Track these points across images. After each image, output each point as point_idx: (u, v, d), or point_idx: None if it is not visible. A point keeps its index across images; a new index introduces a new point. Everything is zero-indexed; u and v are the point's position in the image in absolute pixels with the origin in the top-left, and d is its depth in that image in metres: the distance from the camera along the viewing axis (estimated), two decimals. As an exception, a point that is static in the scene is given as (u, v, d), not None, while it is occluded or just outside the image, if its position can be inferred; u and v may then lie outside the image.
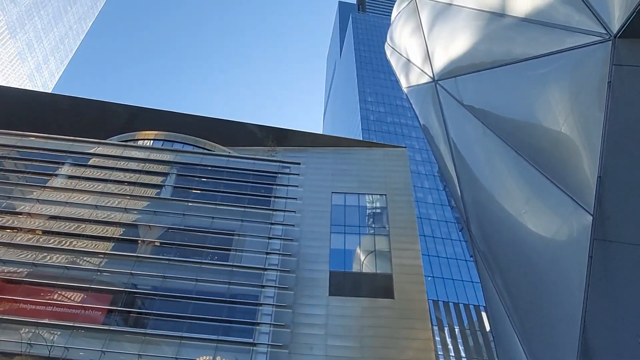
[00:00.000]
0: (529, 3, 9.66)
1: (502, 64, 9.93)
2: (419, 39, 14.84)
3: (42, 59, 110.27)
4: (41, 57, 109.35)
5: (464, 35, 11.62)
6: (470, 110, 11.17)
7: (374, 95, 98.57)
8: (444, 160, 13.43)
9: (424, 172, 77.57)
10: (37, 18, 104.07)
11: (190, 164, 28.88)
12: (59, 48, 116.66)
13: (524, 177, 9.75)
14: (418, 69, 14.98)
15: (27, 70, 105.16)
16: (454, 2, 12.57)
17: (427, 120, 15.22)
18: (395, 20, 18.16)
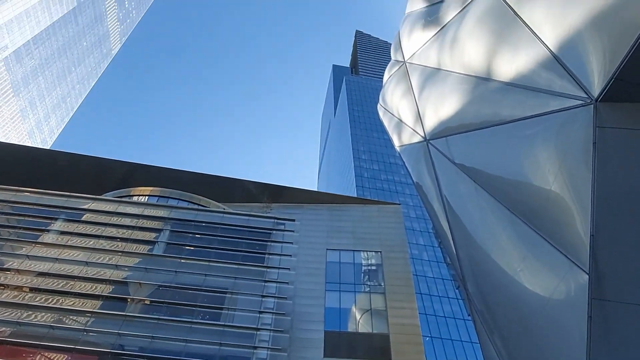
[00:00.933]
0: (512, 68, 10.24)
1: (490, 125, 10.33)
2: (410, 101, 15.47)
3: (43, 117, 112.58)
4: (42, 115, 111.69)
5: (453, 98, 12.16)
6: (461, 169, 11.45)
7: (368, 153, 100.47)
8: (438, 217, 13.55)
9: (418, 228, 77.40)
10: (42, 77, 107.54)
11: (185, 220, 28.77)
12: (60, 106, 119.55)
13: (518, 235, 9.82)
14: (410, 129, 15.47)
15: (27, 127, 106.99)
16: (442, 67, 13.27)
17: (420, 178, 15.51)
18: (387, 83, 19.01)
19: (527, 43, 9.93)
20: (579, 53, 8.62)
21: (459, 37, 12.76)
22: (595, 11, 8.28)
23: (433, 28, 14.96)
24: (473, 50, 11.57)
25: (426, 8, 16.12)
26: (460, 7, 13.27)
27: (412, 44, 16.59)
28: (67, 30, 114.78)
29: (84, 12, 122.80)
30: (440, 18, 14.61)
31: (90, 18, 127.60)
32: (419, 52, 15.63)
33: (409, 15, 18.41)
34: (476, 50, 11.45)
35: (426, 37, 15.19)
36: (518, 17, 10.41)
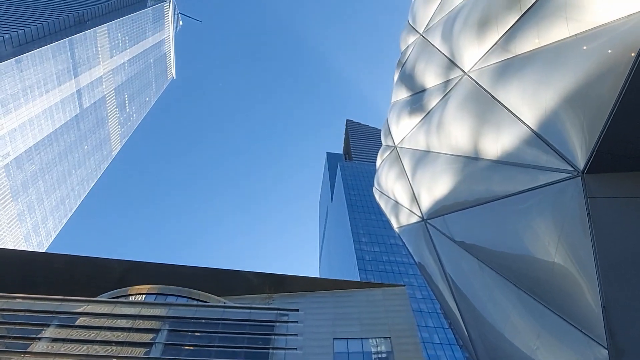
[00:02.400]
0: (498, 147, 10.75)
1: (484, 202, 10.58)
2: (404, 183, 15.90)
3: (41, 219, 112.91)
4: (40, 218, 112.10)
5: (445, 177, 12.56)
6: (462, 247, 11.47)
7: (368, 236, 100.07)
8: (445, 298, 13.25)
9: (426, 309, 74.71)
10: (41, 181, 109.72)
11: (184, 317, 27.73)
12: (58, 208, 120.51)
13: (529, 311, 9.58)
14: (407, 210, 15.70)
15: (24, 231, 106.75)
16: (431, 150, 13.88)
17: (422, 258, 15.41)
18: (380, 167, 19.66)
19: (508, 123, 10.55)
20: (559, 129, 9.14)
21: (444, 121, 13.51)
22: (567, 89, 8.95)
23: (419, 114, 15.88)
24: (458, 133, 12.21)
25: (410, 97, 17.24)
26: (441, 94, 14.25)
27: (401, 130, 17.46)
28: (69, 136, 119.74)
29: (86, 118, 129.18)
30: (424, 105, 15.58)
31: (92, 123, 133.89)
32: (408, 136, 16.41)
33: (395, 104, 19.60)
34: (461, 132, 12.08)
35: (413, 122, 16.07)
36: (496, 100, 11.17)
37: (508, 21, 11.44)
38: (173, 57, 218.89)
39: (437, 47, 16.05)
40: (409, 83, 17.94)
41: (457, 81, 13.52)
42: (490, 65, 12.00)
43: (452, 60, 14.39)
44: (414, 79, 17.35)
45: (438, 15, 17.14)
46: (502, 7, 11.81)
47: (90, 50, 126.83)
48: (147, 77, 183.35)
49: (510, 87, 10.79)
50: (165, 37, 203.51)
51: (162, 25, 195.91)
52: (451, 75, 14.05)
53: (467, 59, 13.27)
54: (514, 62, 11.08)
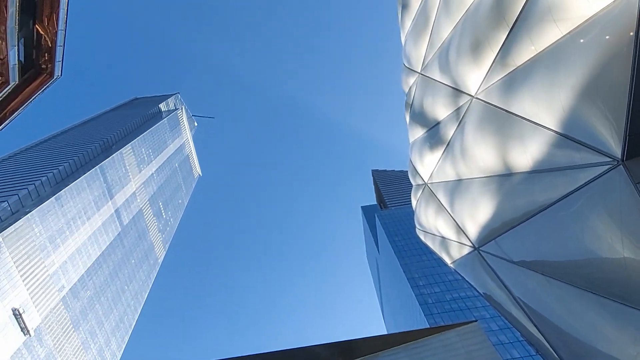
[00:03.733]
0: (528, 157, 10.63)
1: (532, 215, 10.29)
2: (445, 217, 15.65)
3: (104, 342, 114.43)
4: (103, 341, 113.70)
5: (485, 201, 12.36)
6: (524, 265, 10.99)
7: (424, 278, 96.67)
8: (522, 323, 12.47)
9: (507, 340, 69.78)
10: (98, 305, 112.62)
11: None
12: (119, 327, 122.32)
13: (614, 316, 8.92)
14: (456, 243, 15.32)
15: (90, 358, 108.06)
16: (462, 178, 13.80)
17: (485, 288, 14.75)
18: (417, 207, 19.49)
19: (531, 132, 10.51)
20: (584, 124, 9.05)
21: (466, 147, 13.55)
22: (579, 84, 8.97)
23: (440, 147, 15.99)
24: (484, 154, 12.18)
25: (426, 133, 17.46)
26: (456, 122, 14.41)
27: (427, 166, 17.51)
28: (116, 255, 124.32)
29: (128, 234, 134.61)
30: (442, 137, 15.72)
31: (135, 237, 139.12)
32: (436, 170, 16.41)
33: (414, 143, 19.81)
34: (487, 153, 12.05)
35: (436, 156, 16.13)
36: (512, 113, 11.23)
37: (499, 38, 11.78)
38: (195, 157, 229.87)
39: (438, 80, 16.47)
40: (422, 120, 18.24)
41: (467, 106, 13.70)
42: (495, 83, 12.20)
43: (456, 89, 14.69)
44: (425, 116, 17.66)
45: (430, 52, 17.75)
46: (489, 28, 12.22)
47: (120, 170, 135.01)
48: (176, 181, 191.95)
49: (522, 97, 10.88)
50: (184, 140, 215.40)
51: (179, 131, 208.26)
52: (460, 102, 14.27)
53: (471, 83, 13.54)
54: (517, 74, 11.25)
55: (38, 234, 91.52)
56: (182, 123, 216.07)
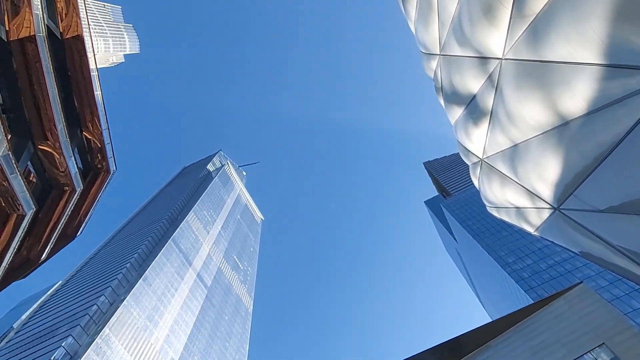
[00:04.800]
0: (579, 100, 10.03)
1: (604, 157, 9.64)
2: (512, 186, 14.98)
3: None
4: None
5: (549, 158, 11.74)
6: (613, 211, 10.23)
7: (512, 254, 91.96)
8: (632, 271, 11.49)
9: (621, 292, 64.33)
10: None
11: None
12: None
13: None
14: (533, 209, 14.57)
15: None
16: (517, 142, 13.22)
17: (580, 246, 13.81)
18: (480, 185, 18.80)
19: (574, 73, 9.97)
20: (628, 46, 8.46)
21: (511, 110, 13.03)
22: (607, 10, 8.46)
23: (483, 119, 15.47)
24: (532, 112, 11.65)
25: (466, 109, 16.99)
26: (492, 89, 13.94)
27: (476, 142, 16.94)
28: (209, 316, 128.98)
29: (214, 293, 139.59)
30: (483, 108, 15.23)
31: (221, 294, 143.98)
32: (487, 144, 15.84)
33: (457, 123, 19.30)
34: (534, 110, 11.52)
35: (483, 129, 15.60)
36: (547, 62, 10.72)
37: (508, -6, 11.40)
38: (253, 203, 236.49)
39: (460, 55, 16.09)
40: (457, 99, 17.79)
41: (498, 70, 13.25)
42: (519, 38, 11.75)
43: (482, 57, 14.27)
44: (458, 94, 17.23)
45: (443, 31, 17.42)
46: (494, -13, 11.86)
47: (191, 237, 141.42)
48: (243, 231, 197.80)
49: (552, 42, 10.39)
50: (239, 191, 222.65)
51: (231, 184, 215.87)
52: (489, 69, 13.82)
53: (494, 46, 13.11)
54: (538, 22, 10.79)
55: (137, 316, 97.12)
56: (232, 177, 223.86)
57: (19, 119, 27.31)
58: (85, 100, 31.68)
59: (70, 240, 34.88)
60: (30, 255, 31.55)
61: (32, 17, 25.96)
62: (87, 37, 31.45)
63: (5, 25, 26.28)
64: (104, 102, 32.62)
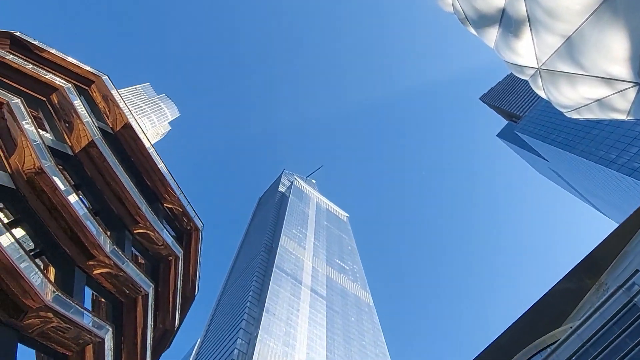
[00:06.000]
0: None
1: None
2: (583, 80, 13.83)
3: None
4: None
5: (610, 34, 10.73)
6: None
7: (611, 149, 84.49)
8: None
9: None
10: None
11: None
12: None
13: None
14: (615, 95, 13.33)
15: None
16: (568, 35, 12.23)
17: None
18: (548, 94, 17.54)
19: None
20: None
21: (548, 6, 12.12)
22: None
23: (523, 27, 14.49)
24: None
25: (500, 26, 16.02)
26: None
27: (526, 54, 15.86)
28: (337, 323, 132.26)
29: (333, 300, 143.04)
30: (518, 16, 14.28)
31: (340, 299, 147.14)
32: (537, 50, 14.76)
33: (497, 45, 18.25)
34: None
35: (527, 37, 14.60)
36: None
37: None
38: (333, 205, 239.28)
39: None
40: (487, 20, 16.83)
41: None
42: None
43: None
44: (486, 14, 16.30)
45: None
46: None
47: (291, 258, 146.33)
48: (334, 234, 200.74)
49: None
50: (315, 199, 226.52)
51: (306, 196, 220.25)
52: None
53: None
54: None
55: (274, 346, 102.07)
56: (304, 189, 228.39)
57: (110, 215, 30.16)
58: (154, 177, 34.23)
59: (192, 301, 37.70)
60: (165, 326, 34.56)
61: (85, 125, 28.63)
62: (133, 122, 34.03)
63: (67, 141, 29.23)
64: (170, 172, 35.02)
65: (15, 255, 20.34)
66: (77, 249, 25.55)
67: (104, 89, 34.03)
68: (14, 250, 20.54)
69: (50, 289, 21.58)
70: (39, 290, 20.55)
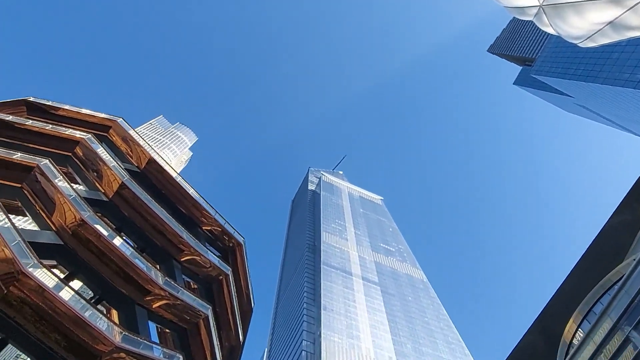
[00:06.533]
0: None
1: None
2: (591, 5, 13.26)
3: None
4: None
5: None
6: None
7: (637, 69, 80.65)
8: None
9: None
10: (425, 348, 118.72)
11: None
12: (453, 349, 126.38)
13: None
14: (627, 12, 12.72)
15: None
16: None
17: None
18: (557, 28, 16.90)
19: None
20: None
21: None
22: None
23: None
24: None
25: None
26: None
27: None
28: (395, 305, 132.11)
29: (387, 284, 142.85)
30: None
31: (392, 282, 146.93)
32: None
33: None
34: None
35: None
36: None
37: None
38: (366, 192, 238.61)
39: None
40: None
41: None
42: None
43: None
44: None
45: None
46: None
47: (336, 252, 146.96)
48: (373, 219, 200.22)
49: None
50: (347, 190, 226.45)
51: (337, 189, 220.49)
52: None
53: None
54: None
55: (340, 340, 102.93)
56: (333, 182, 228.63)
57: (155, 249, 31.13)
58: (187, 204, 35.06)
59: (250, 314, 38.50)
60: (231, 342, 35.46)
61: (112, 170, 29.61)
62: (156, 156, 34.93)
63: (100, 189, 30.30)
64: (201, 195, 35.77)
65: (78, 306, 21.32)
66: (132, 287, 26.51)
67: (121, 131, 35.03)
68: (76, 302, 21.54)
69: (117, 330, 22.50)
70: (107, 334, 21.46)
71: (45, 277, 21.02)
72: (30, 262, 20.67)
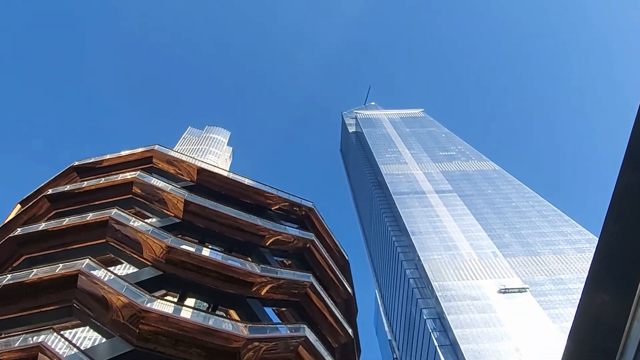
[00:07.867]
0: None
1: None
2: None
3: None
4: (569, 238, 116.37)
5: None
6: None
7: None
8: None
9: None
10: (524, 231, 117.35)
11: None
12: (554, 222, 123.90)
13: None
14: None
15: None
16: None
17: None
18: None
19: None
20: None
21: None
22: None
23: None
24: None
25: None
26: None
27: None
28: (477, 203, 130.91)
29: (460, 187, 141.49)
30: None
31: (466, 182, 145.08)
32: None
33: None
34: None
35: None
36: None
37: None
38: (404, 111, 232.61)
39: None
40: None
41: None
42: None
43: None
44: None
45: None
46: None
47: (401, 178, 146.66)
48: (420, 133, 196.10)
49: None
50: (384, 116, 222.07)
51: (375, 120, 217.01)
52: None
53: None
54: None
55: (439, 257, 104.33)
56: (369, 116, 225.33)
57: (240, 245, 32.71)
58: (248, 193, 36.21)
59: (349, 265, 39.83)
60: (342, 297, 37.06)
61: (172, 194, 30.99)
62: (202, 164, 36.01)
63: (170, 214, 31.88)
64: (257, 181, 36.70)
65: (201, 319, 23.22)
66: (237, 285, 28.24)
67: (162, 156, 36.32)
68: (197, 316, 23.45)
69: (242, 325, 24.28)
70: (235, 332, 23.25)
71: (163, 306, 22.98)
72: (144, 299, 22.61)
